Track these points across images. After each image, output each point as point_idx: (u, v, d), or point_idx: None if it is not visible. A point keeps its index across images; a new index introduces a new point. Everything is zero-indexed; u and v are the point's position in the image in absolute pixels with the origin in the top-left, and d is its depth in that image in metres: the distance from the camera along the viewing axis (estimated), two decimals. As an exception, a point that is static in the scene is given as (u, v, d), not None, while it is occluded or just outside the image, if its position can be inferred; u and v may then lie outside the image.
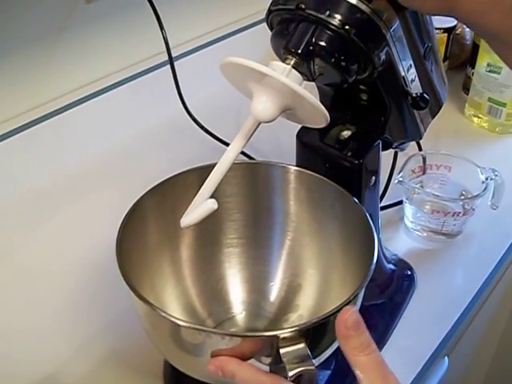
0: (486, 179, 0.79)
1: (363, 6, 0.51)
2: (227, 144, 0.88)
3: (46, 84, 0.88)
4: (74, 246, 0.79)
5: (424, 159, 0.83)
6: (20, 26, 0.81)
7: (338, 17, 0.51)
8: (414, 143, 0.89)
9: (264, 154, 0.87)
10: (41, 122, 0.86)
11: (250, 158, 0.87)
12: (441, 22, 1.06)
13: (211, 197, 0.51)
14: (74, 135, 0.91)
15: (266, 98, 0.49)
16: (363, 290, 0.52)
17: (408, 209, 0.82)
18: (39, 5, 0.82)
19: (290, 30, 0.53)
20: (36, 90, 0.87)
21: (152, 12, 0.85)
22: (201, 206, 0.49)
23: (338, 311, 0.49)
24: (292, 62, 0.51)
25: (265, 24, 0.57)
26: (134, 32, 0.95)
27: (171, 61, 0.88)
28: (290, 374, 0.46)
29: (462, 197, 0.82)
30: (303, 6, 0.51)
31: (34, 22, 0.83)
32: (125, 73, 0.95)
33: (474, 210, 0.79)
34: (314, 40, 0.51)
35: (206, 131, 0.90)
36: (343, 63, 0.52)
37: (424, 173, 0.84)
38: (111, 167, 0.92)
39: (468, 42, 1.14)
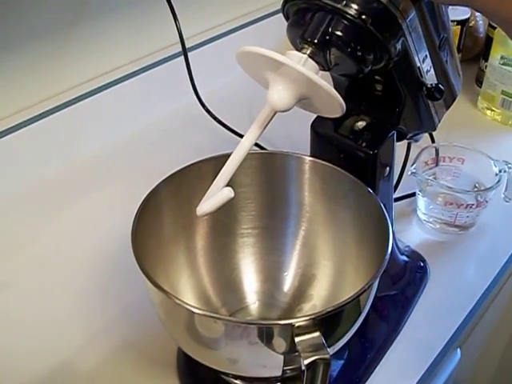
0: (500, 171, 0.79)
1: (380, -4, 0.51)
2: (240, 135, 0.88)
3: (61, 75, 0.88)
4: (88, 235, 0.79)
5: (437, 151, 0.83)
6: (33, 19, 0.81)
7: (355, 6, 0.51)
8: (426, 136, 0.88)
9: (276, 144, 0.87)
10: (56, 112, 0.86)
11: (262, 148, 0.87)
12: (454, 14, 1.06)
13: (227, 186, 0.52)
14: (88, 125, 0.91)
15: (282, 87, 0.49)
16: (378, 280, 0.52)
17: (421, 201, 0.82)
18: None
19: (306, 19, 0.53)
20: (50, 80, 0.87)
21: (166, 3, 0.85)
22: (217, 194, 0.49)
23: (353, 300, 0.50)
24: (308, 52, 0.51)
25: (278, 16, 0.57)
26: (147, 23, 0.95)
27: (185, 52, 0.88)
28: (305, 362, 0.47)
29: (475, 189, 0.82)
30: (320, -4, 0.51)
31: (48, 13, 0.83)
32: (138, 64, 0.95)
33: (487, 202, 0.79)
34: (330, 29, 0.51)
35: (219, 122, 0.91)
36: (359, 53, 0.52)
37: (437, 165, 0.84)
38: (125, 157, 0.92)
39: (481, 35, 1.13)
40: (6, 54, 0.81)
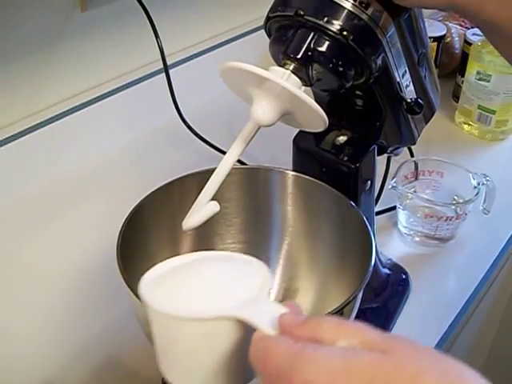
0: (478, 184, 0.80)
1: (361, 13, 0.52)
2: (222, 151, 0.89)
3: (42, 91, 0.88)
4: (71, 251, 0.79)
5: (416, 165, 0.84)
6: (15, 35, 0.81)
7: (336, 23, 0.52)
8: (406, 150, 0.90)
9: (258, 159, 0.87)
10: (37, 129, 0.86)
11: (243, 164, 0.87)
12: (431, 31, 1.08)
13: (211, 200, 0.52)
14: (69, 143, 0.91)
15: (265, 102, 0.50)
16: (361, 292, 0.53)
17: (401, 214, 0.83)
18: (35, 13, 0.82)
19: (288, 36, 0.53)
20: (32, 97, 0.87)
21: (147, 20, 0.86)
22: (203, 208, 0.50)
23: (338, 312, 0.50)
24: (291, 67, 0.52)
25: (259, 32, 0.58)
26: (129, 40, 0.96)
27: (166, 68, 0.89)
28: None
29: (454, 202, 0.83)
30: (302, 13, 0.52)
31: (30, 30, 0.83)
32: (120, 80, 0.96)
33: (466, 214, 0.80)
34: (312, 45, 0.52)
35: (201, 138, 0.91)
36: (341, 68, 0.53)
37: (416, 178, 0.85)
38: (107, 174, 0.92)
39: (457, 51, 1.16)
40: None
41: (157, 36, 0.87)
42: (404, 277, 0.76)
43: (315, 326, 0.35)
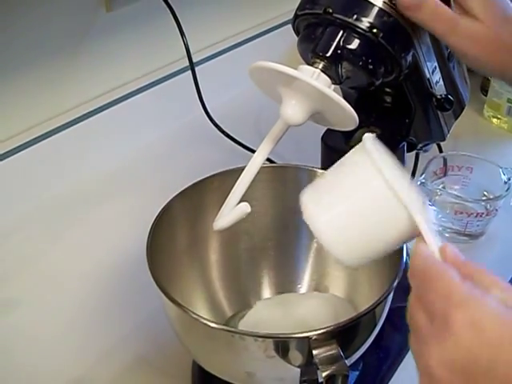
0: (508, 180, 0.79)
1: (390, 10, 0.51)
2: (248, 148, 0.89)
3: (68, 91, 0.89)
4: (100, 250, 0.79)
5: (445, 161, 0.83)
6: (41, 35, 0.82)
7: (366, 20, 0.51)
8: (434, 146, 0.89)
9: (285, 157, 0.87)
10: (63, 130, 0.86)
11: (271, 162, 0.87)
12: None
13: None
14: (96, 142, 0.91)
15: (295, 102, 0.50)
16: (393, 291, 0.52)
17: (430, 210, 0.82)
18: (60, 13, 0.83)
19: (317, 34, 0.53)
20: (58, 97, 0.88)
21: (172, 18, 0.86)
22: (234, 209, 0.50)
23: (369, 312, 0.50)
24: (320, 66, 0.52)
25: (283, 29, 0.57)
26: (155, 38, 0.96)
27: (192, 66, 0.89)
28: (324, 375, 0.47)
29: (484, 197, 0.82)
30: (330, 10, 0.51)
31: (55, 30, 0.83)
32: (146, 79, 0.96)
33: (496, 210, 0.79)
34: (341, 43, 0.52)
35: (228, 136, 0.91)
36: (371, 66, 0.53)
37: (445, 174, 0.84)
38: (134, 173, 0.92)
39: (485, 44, 1.14)
40: (14, 69, 0.81)
41: (182, 34, 0.87)
42: (434, 274, 0.75)
43: (476, 270, 0.38)
